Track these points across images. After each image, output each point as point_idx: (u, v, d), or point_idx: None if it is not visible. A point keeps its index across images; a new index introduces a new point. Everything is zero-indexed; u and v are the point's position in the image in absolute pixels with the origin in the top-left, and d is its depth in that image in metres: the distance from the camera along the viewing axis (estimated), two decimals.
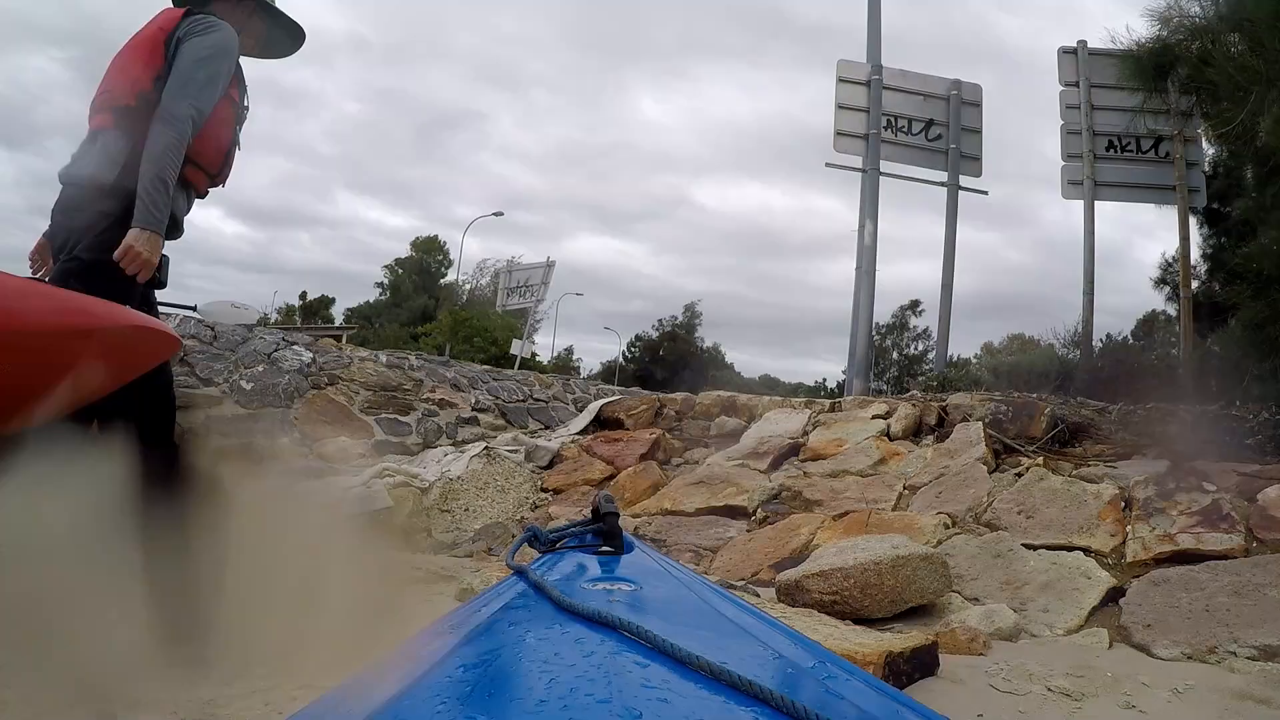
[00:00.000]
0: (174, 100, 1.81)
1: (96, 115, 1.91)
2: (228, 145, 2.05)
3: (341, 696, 0.55)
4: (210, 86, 1.88)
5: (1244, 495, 2.41)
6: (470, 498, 3.83)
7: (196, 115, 1.85)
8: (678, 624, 0.65)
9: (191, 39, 1.87)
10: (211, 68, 1.88)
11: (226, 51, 1.93)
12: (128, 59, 1.93)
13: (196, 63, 1.85)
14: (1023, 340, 14.42)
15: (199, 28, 1.89)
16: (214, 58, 1.89)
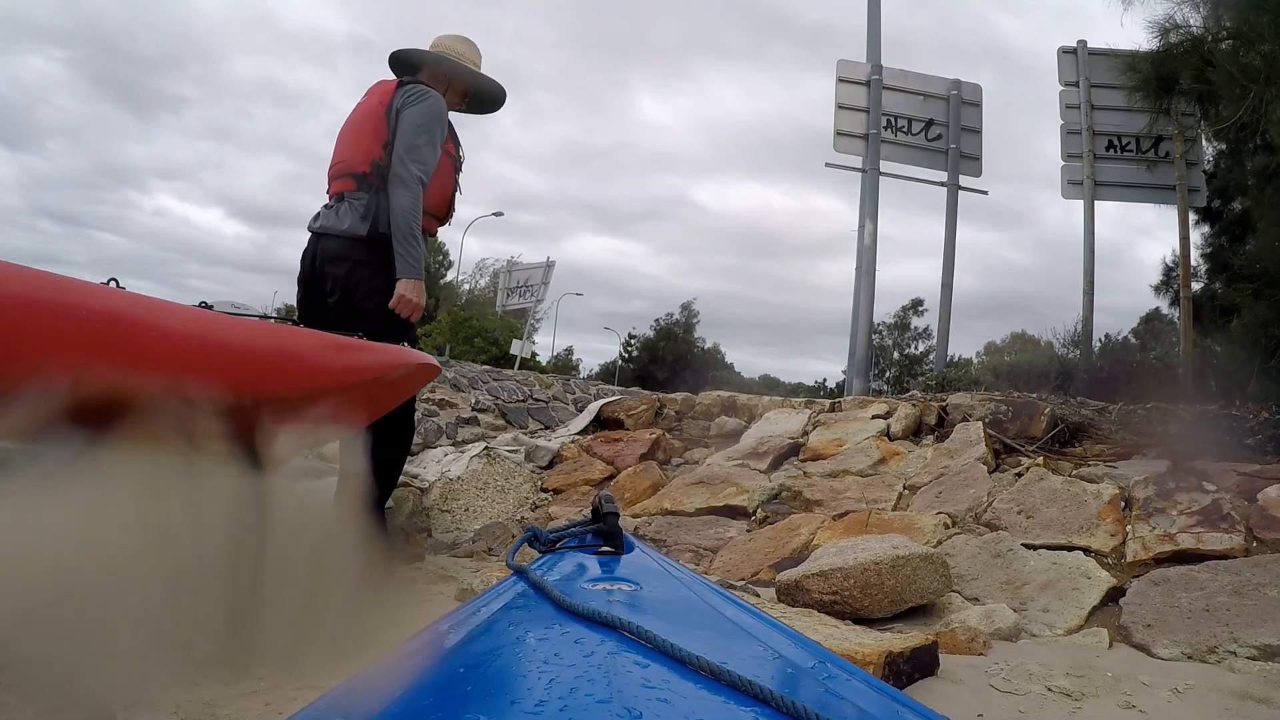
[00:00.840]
0: (404, 166, 2.13)
1: (337, 181, 2.26)
2: (451, 191, 2.38)
3: (341, 696, 0.55)
4: (430, 148, 2.19)
5: (1244, 495, 2.41)
6: (470, 498, 3.83)
7: (424, 174, 2.16)
8: (678, 624, 0.65)
9: (409, 109, 2.17)
10: (429, 133, 2.18)
11: (439, 116, 2.23)
12: (357, 131, 2.25)
13: (416, 130, 2.16)
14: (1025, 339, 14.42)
15: (413, 98, 2.19)
16: (430, 123, 2.19)
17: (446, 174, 2.32)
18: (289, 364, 1.54)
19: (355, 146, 2.24)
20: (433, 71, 2.36)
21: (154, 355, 1.39)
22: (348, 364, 1.61)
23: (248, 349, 1.52)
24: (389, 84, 2.28)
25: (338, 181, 2.26)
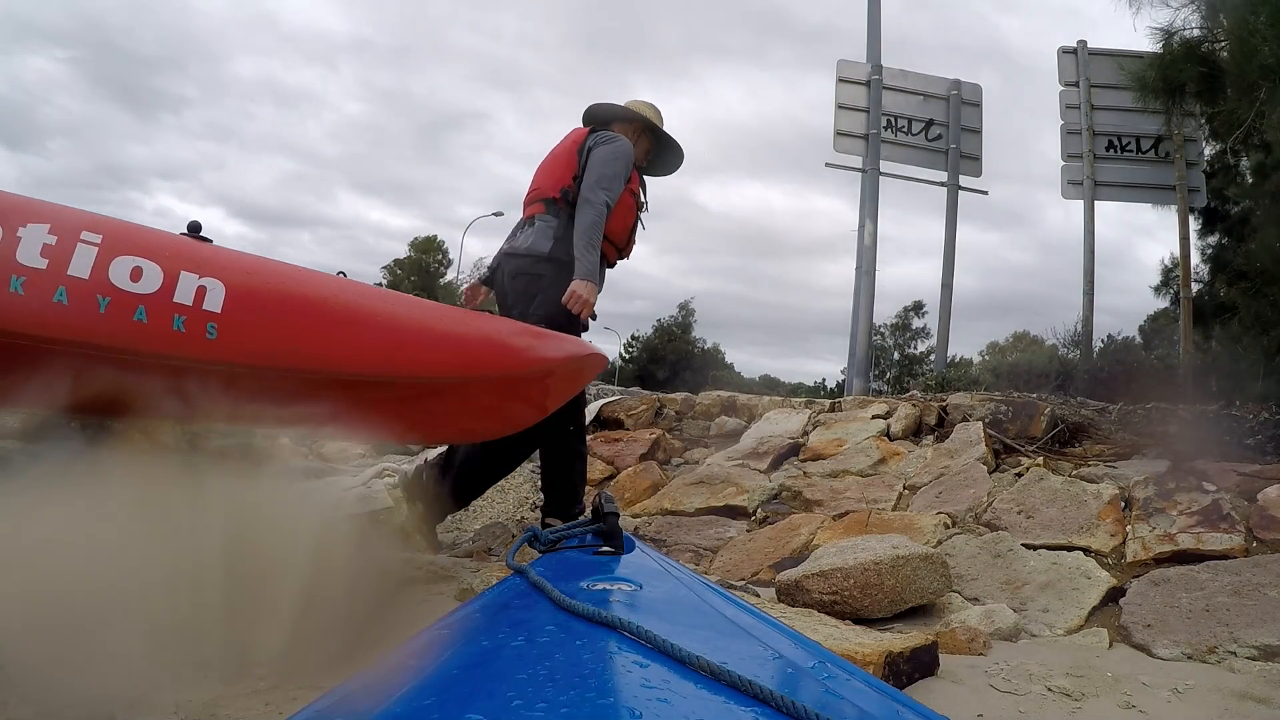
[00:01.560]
0: (591, 190, 2.42)
1: (530, 206, 2.58)
2: (632, 225, 2.65)
3: (341, 696, 0.55)
4: (616, 180, 2.47)
5: (1244, 495, 2.41)
6: None
7: (608, 200, 2.45)
8: (678, 624, 0.65)
9: (599, 147, 2.49)
10: (616, 167, 2.47)
11: (626, 156, 2.53)
12: (552, 164, 2.58)
13: (605, 163, 2.46)
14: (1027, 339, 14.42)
15: (604, 139, 2.52)
16: (617, 159, 2.49)
17: (629, 210, 2.60)
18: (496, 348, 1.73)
19: (549, 177, 2.56)
20: (623, 128, 2.68)
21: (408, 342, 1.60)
22: (544, 350, 1.79)
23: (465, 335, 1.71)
24: (583, 130, 2.63)
25: (530, 206, 2.58)
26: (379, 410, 1.64)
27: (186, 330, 1.37)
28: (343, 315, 1.56)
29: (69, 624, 1.22)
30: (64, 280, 1.31)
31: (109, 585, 1.29)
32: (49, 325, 1.30)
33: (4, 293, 1.26)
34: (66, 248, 1.32)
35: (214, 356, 1.39)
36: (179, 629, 1.34)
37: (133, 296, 1.34)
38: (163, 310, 1.35)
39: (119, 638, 1.25)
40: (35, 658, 1.21)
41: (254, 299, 1.45)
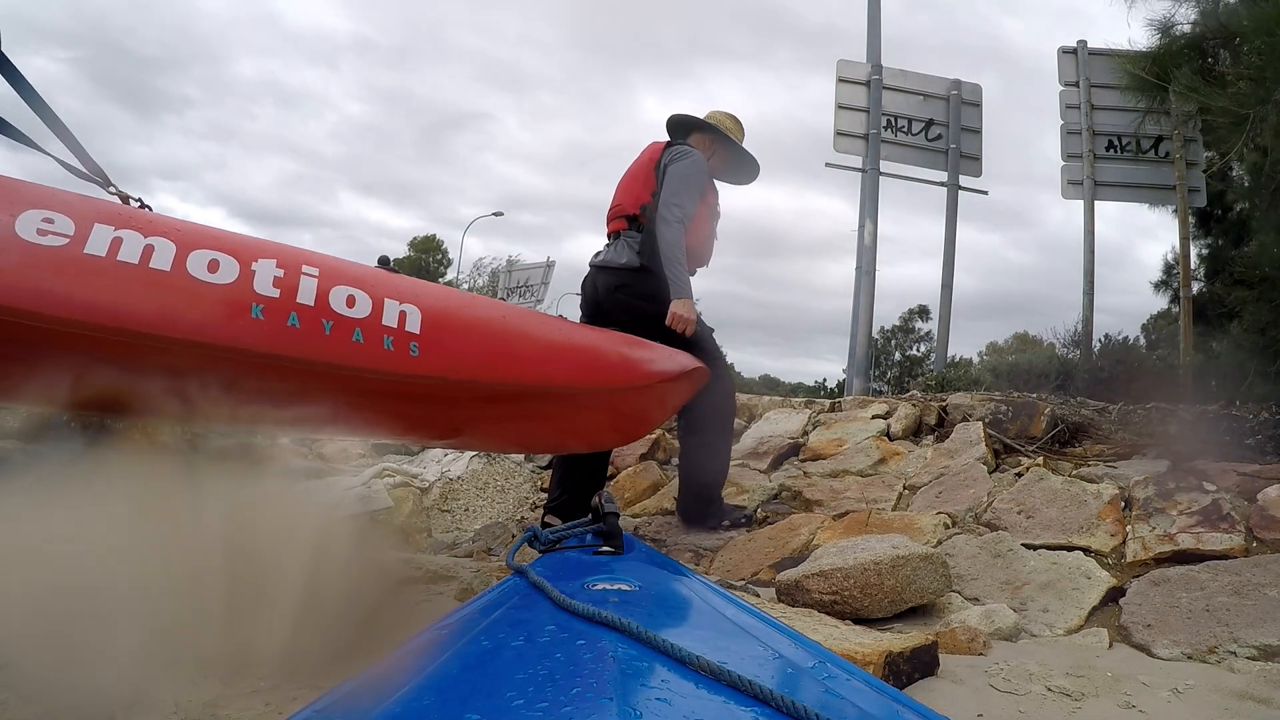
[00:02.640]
0: (668, 209, 2.55)
1: (613, 222, 2.74)
2: (707, 235, 2.79)
3: (341, 696, 0.55)
4: (690, 195, 2.60)
5: (1244, 495, 2.41)
6: (470, 498, 3.83)
7: (683, 217, 2.57)
8: (678, 624, 0.66)
9: (674, 164, 2.62)
10: (691, 183, 2.61)
11: (700, 171, 2.66)
12: (631, 182, 2.73)
13: (680, 180, 2.58)
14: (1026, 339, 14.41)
15: (679, 156, 2.64)
16: (691, 176, 2.62)
17: (704, 221, 2.74)
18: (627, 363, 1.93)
19: (628, 194, 2.72)
20: (700, 139, 2.81)
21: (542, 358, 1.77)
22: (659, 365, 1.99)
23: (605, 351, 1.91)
24: (660, 144, 2.77)
25: (614, 223, 2.74)
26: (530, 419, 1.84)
27: (394, 349, 1.54)
28: (513, 333, 1.76)
29: (69, 624, 1.22)
30: (294, 307, 1.48)
31: (109, 585, 1.29)
32: (285, 346, 1.46)
33: (247, 318, 1.43)
34: (293, 279, 1.50)
35: (416, 371, 1.56)
36: (179, 629, 1.34)
37: (351, 320, 1.52)
38: (375, 332, 1.53)
39: (119, 638, 1.25)
40: (35, 658, 1.21)
41: (443, 321, 1.64)
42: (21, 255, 1.28)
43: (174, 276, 1.39)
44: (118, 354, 1.37)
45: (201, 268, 1.42)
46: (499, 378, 1.66)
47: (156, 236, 1.42)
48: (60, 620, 1.22)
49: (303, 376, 1.49)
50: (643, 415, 2.10)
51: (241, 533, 1.49)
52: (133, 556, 1.35)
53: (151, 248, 1.40)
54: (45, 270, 1.29)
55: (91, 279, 1.32)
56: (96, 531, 1.35)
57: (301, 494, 3.09)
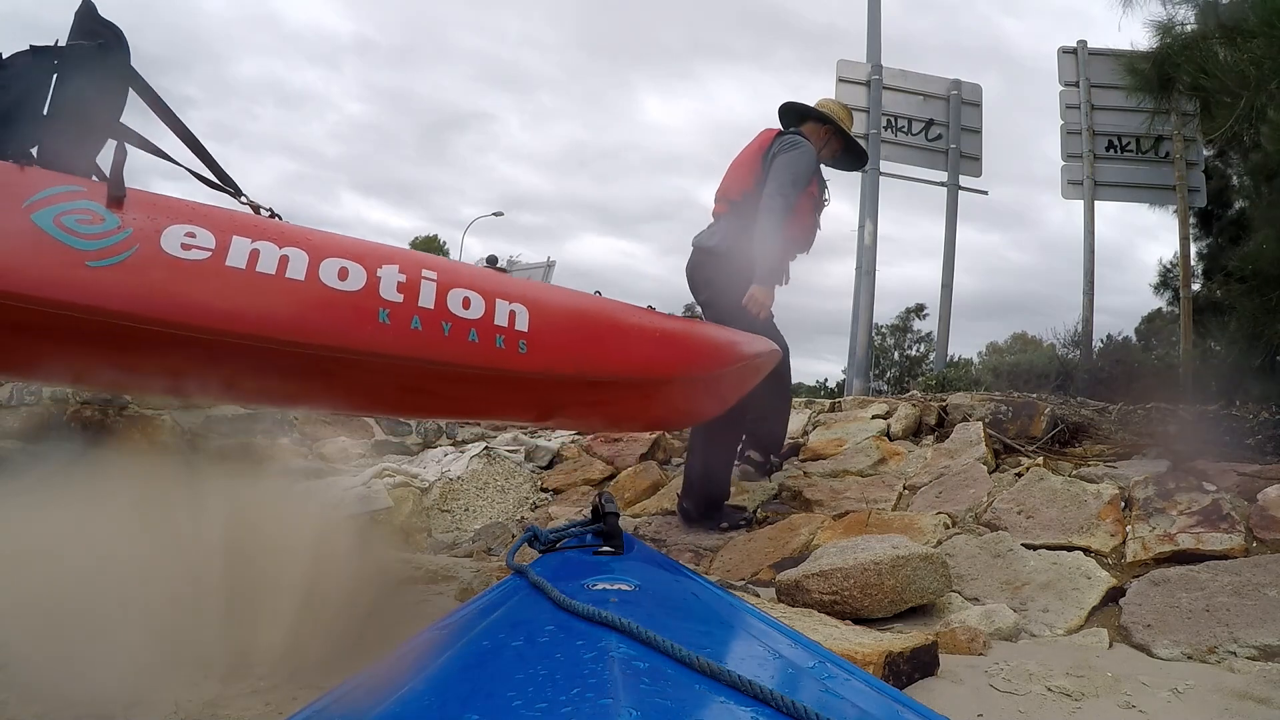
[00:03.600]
0: (771, 195, 2.64)
1: (717, 205, 2.86)
2: (810, 225, 2.91)
3: (341, 696, 0.55)
4: (794, 186, 2.68)
5: (1244, 495, 2.41)
6: (470, 498, 3.83)
7: (786, 206, 2.64)
8: (678, 624, 0.66)
9: (781, 154, 2.70)
10: (796, 173, 2.68)
11: (808, 161, 2.74)
12: (739, 168, 2.83)
13: (786, 170, 2.67)
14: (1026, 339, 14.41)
15: (787, 145, 2.72)
16: (797, 166, 2.69)
17: (807, 211, 2.85)
18: (709, 349, 2.05)
19: (734, 180, 2.83)
20: (813, 127, 2.90)
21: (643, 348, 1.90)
22: (742, 349, 2.14)
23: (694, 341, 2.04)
24: (772, 132, 2.86)
25: (717, 205, 2.87)
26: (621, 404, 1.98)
27: (505, 347, 1.64)
28: (610, 327, 1.88)
29: (69, 624, 1.22)
30: (416, 310, 1.57)
31: (109, 585, 1.29)
32: (409, 348, 1.55)
33: (375, 323, 1.51)
34: (414, 284, 1.58)
35: (524, 368, 1.66)
36: (179, 629, 1.34)
37: (467, 321, 1.61)
38: (488, 331, 1.63)
39: (119, 638, 1.25)
40: (35, 658, 1.21)
41: (548, 319, 1.73)
42: (168, 271, 1.36)
43: (308, 285, 1.48)
44: (258, 359, 1.46)
45: (333, 276, 1.51)
46: (599, 370, 1.79)
47: (290, 247, 1.51)
48: (60, 620, 1.22)
49: (423, 375, 1.61)
50: (722, 397, 2.24)
51: (241, 533, 1.49)
52: (133, 557, 1.35)
53: (286, 258, 1.48)
54: (191, 283, 1.37)
55: (234, 290, 1.41)
56: (96, 532, 1.35)
57: (301, 494, 3.09)
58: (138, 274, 1.33)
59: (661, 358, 1.93)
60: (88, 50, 1.56)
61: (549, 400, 1.84)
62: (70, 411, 3.63)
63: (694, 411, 2.30)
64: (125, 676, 1.23)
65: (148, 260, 1.35)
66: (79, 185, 1.40)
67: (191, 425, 3.95)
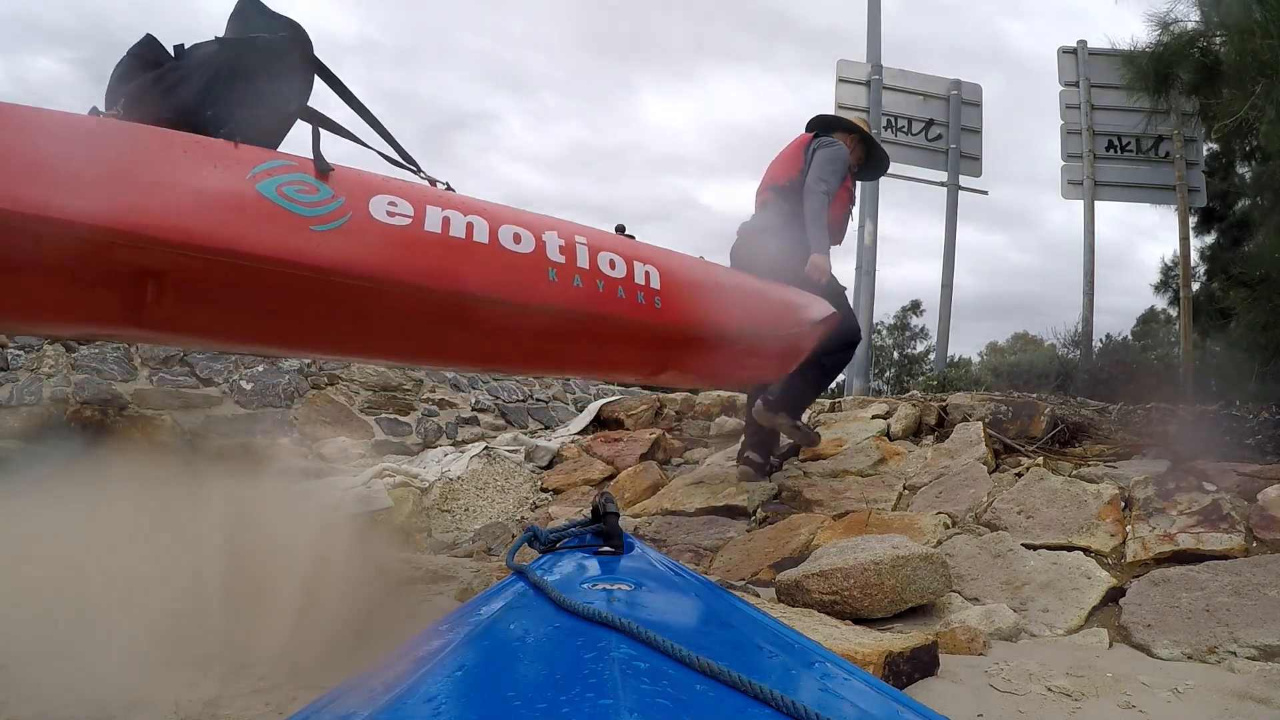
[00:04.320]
0: (815, 181, 3.05)
1: (763, 194, 3.23)
2: (845, 216, 3.27)
3: (341, 696, 0.55)
4: (833, 176, 3.08)
5: (1244, 495, 2.41)
6: (470, 498, 3.83)
7: (828, 190, 3.05)
8: (678, 624, 0.66)
9: (822, 149, 3.12)
10: (834, 166, 3.09)
11: (844, 159, 3.16)
12: (783, 161, 3.23)
13: (826, 162, 3.08)
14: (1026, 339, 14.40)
15: (825, 143, 3.15)
16: (835, 160, 3.11)
17: (843, 204, 3.23)
18: (792, 310, 2.30)
19: (779, 171, 3.21)
20: (842, 136, 3.30)
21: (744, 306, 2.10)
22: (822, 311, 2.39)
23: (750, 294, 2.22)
24: (808, 135, 3.27)
25: (764, 193, 3.23)
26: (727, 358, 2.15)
27: (644, 303, 1.83)
28: (726, 288, 2.12)
29: (69, 624, 1.22)
30: (576, 270, 1.75)
31: (109, 585, 1.29)
32: (571, 301, 1.73)
33: (546, 281, 1.70)
34: (571, 247, 1.77)
35: (659, 320, 1.86)
36: (179, 629, 1.34)
37: (614, 280, 1.80)
38: (631, 289, 1.82)
39: (119, 638, 1.25)
40: (35, 658, 1.21)
41: (675, 279, 1.92)
42: (379, 235, 1.50)
43: (492, 248, 1.65)
44: (451, 314, 1.63)
45: (510, 240, 1.69)
46: (717, 325, 2.00)
47: (473, 215, 1.68)
48: (60, 620, 1.22)
49: (577, 328, 1.80)
50: (801, 353, 2.48)
51: (241, 533, 1.49)
52: (133, 556, 1.35)
53: (471, 224, 1.65)
54: (399, 246, 1.52)
55: (435, 252, 1.57)
56: (97, 532, 1.35)
57: (301, 494, 3.09)
58: (355, 238, 1.46)
59: (768, 316, 2.18)
60: (275, 42, 1.69)
61: (670, 353, 2.04)
62: (70, 411, 3.63)
63: (783, 364, 2.54)
64: (125, 676, 1.23)
65: (361, 226, 1.48)
66: (290, 159, 1.52)
67: (191, 425, 3.95)
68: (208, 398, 4.18)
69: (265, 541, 1.53)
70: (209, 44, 1.68)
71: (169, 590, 1.37)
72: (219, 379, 4.27)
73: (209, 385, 4.22)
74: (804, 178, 3.07)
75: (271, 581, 1.44)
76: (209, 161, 1.43)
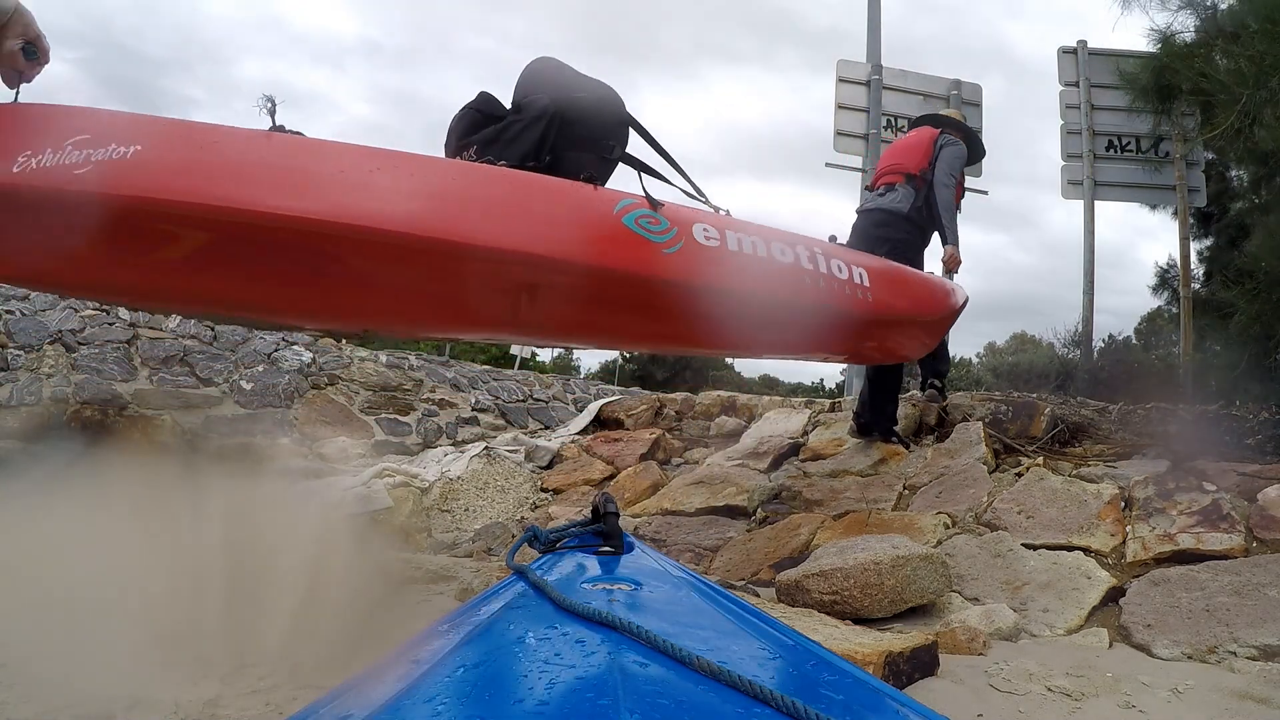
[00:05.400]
0: (947, 177, 3.40)
1: (890, 175, 3.52)
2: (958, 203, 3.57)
3: (341, 696, 0.55)
4: (956, 174, 3.46)
5: (1244, 495, 2.41)
6: (470, 498, 3.83)
7: (954, 185, 3.41)
8: (678, 624, 0.65)
9: (947, 147, 3.46)
10: (959, 164, 3.48)
11: (964, 157, 3.55)
12: (911, 149, 3.56)
13: (955, 159, 3.45)
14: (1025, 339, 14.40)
15: (950, 141, 3.49)
16: (959, 158, 3.49)
17: (958, 198, 3.55)
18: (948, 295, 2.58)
19: (908, 157, 3.51)
20: (953, 134, 3.59)
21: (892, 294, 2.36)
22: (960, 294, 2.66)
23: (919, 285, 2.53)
24: (934, 130, 3.60)
25: (889, 176, 3.51)
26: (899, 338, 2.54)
27: (862, 296, 2.16)
28: (911, 280, 2.47)
29: (69, 624, 1.22)
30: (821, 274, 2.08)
31: (109, 585, 1.29)
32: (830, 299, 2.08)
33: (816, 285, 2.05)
34: (814, 256, 2.09)
35: (873, 309, 2.20)
36: (179, 629, 1.34)
37: (843, 280, 2.13)
38: (854, 287, 2.15)
39: (119, 637, 1.25)
40: (35, 657, 1.21)
41: (875, 275, 2.25)
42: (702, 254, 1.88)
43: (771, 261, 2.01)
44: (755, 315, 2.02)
45: (786, 254, 2.05)
46: (909, 311, 2.38)
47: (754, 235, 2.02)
48: (60, 620, 1.22)
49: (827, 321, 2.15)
50: (947, 329, 2.84)
51: (241, 533, 1.49)
52: (133, 557, 1.35)
53: (755, 244, 2.00)
54: (715, 263, 1.89)
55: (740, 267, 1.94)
56: (97, 532, 1.35)
57: (301, 494, 3.09)
58: (689, 257, 1.86)
59: (936, 301, 2.54)
60: (598, 100, 2.14)
61: (875, 333, 2.43)
62: (70, 412, 3.63)
63: (937, 340, 2.91)
64: (125, 676, 1.23)
65: (691, 248, 1.87)
66: (635, 197, 1.90)
67: (191, 425, 3.95)
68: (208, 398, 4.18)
69: (265, 542, 1.53)
70: (540, 99, 2.08)
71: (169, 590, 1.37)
72: (219, 379, 4.27)
73: (209, 385, 4.23)
74: (933, 170, 3.42)
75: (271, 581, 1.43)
76: (583, 201, 1.83)
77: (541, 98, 2.07)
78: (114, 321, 4.22)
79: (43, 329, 3.99)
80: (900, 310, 2.36)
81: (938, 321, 2.61)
